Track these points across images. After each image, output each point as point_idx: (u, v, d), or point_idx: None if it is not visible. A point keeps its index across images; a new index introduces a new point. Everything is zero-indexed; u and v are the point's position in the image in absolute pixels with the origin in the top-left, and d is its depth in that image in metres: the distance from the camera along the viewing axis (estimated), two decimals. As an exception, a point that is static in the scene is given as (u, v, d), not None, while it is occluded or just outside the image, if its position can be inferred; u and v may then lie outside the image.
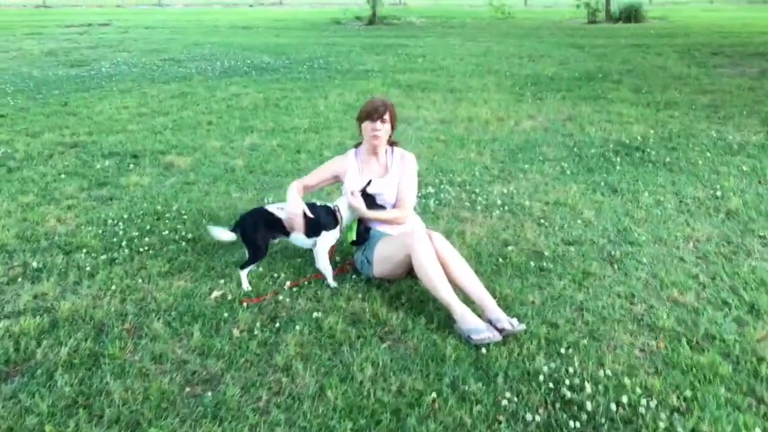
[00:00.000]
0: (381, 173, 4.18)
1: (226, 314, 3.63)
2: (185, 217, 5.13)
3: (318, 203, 4.12)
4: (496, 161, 6.66)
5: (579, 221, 5.00)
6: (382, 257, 3.91)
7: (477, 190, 5.73)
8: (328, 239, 3.99)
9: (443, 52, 15.56)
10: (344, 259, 4.36)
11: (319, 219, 3.98)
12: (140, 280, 4.04)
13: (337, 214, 4.02)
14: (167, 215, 5.16)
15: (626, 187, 5.74)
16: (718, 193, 5.51)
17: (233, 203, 5.46)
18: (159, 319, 3.59)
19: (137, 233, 4.78)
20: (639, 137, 7.33)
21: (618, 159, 6.57)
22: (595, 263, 4.27)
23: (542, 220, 5.03)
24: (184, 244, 4.59)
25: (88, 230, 4.85)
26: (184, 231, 4.81)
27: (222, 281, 4.01)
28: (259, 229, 3.93)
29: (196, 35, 20.71)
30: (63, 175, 6.26)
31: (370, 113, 4.05)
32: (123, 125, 8.46)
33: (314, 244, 4.00)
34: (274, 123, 8.47)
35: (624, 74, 11.93)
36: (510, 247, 4.51)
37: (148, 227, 4.90)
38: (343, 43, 18.11)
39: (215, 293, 3.87)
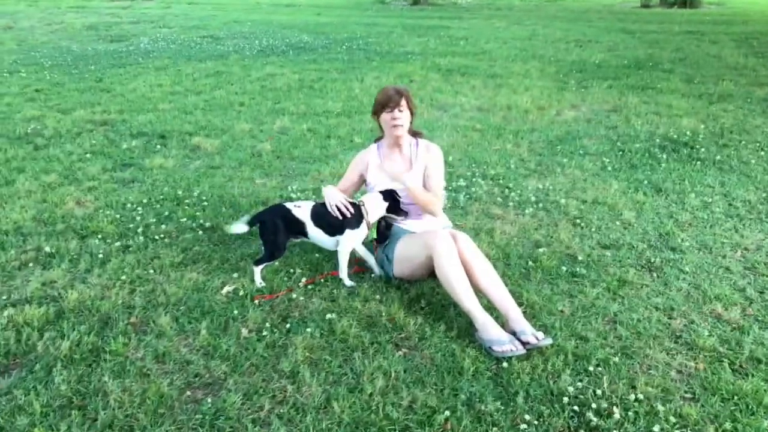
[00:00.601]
0: (405, 168, 3.96)
1: (236, 311, 3.48)
2: (205, 203, 5.00)
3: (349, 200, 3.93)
4: (533, 153, 6.37)
5: (618, 223, 4.71)
6: (403, 256, 3.71)
7: (511, 185, 5.47)
8: (351, 238, 3.80)
9: (487, 35, 15.17)
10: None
11: (342, 215, 3.79)
12: (152, 271, 3.92)
13: (363, 209, 3.82)
14: (187, 201, 5.04)
15: (671, 186, 5.41)
16: (772, 197, 5.16)
17: (256, 191, 5.32)
18: (167, 313, 3.46)
19: (154, 219, 4.66)
20: (688, 132, 6.94)
21: (664, 155, 6.22)
22: (632, 270, 4.00)
23: (578, 220, 4.76)
24: (200, 233, 4.46)
25: (106, 214, 4.76)
26: (202, 219, 4.69)
27: (235, 275, 3.87)
28: (278, 229, 3.75)
29: (238, 12, 20.65)
30: (89, 155, 6.21)
31: (385, 103, 3.83)
32: (155, 104, 8.39)
33: (337, 244, 3.81)
34: (306, 106, 8.30)
35: (676, 63, 11.41)
36: (541, 249, 4.26)
37: (166, 213, 4.78)
38: (385, 23, 17.82)
39: (227, 288, 3.72)
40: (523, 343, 3.13)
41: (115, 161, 6.05)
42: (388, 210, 3.82)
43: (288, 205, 3.84)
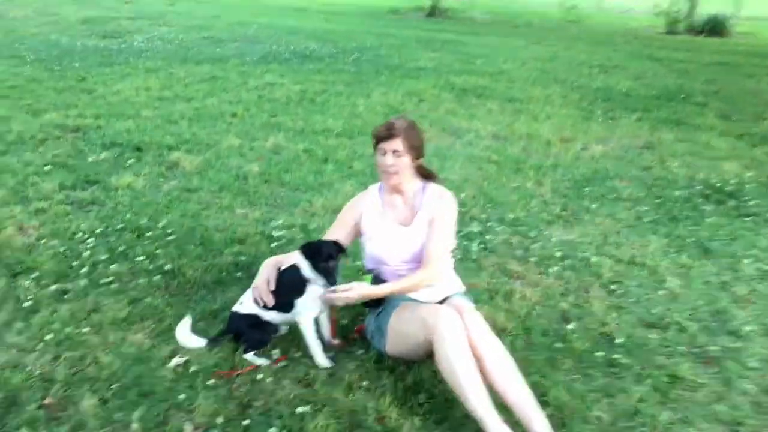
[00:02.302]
0: (405, 217, 3.24)
1: (182, 395, 2.77)
2: (171, 237, 4.30)
3: (284, 267, 3.22)
4: (557, 195, 5.67)
5: (661, 293, 4.00)
6: (397, 333, 2.99)
7: (532, 234, 4.77)
8: (305, 308, 3.08)
9: (505, 54, 14.51)
10: (352, 325, 3.45)
11: (282, 285, 3.10)
12: (86, 329, 3.20)
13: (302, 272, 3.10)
14: (150, 233, 4.34)
15: (720, 247, 4.70)
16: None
17: (234, 223, 4.62)
18: (94, 392, 2.76)
19: (105, 257, 3.96)
20: (733, 179, 6.22)
21: (708, 207, 5.51)
22: (684, 362, 3.28)
23: (613, 286, 4.05)
24: (157, 277, 3.75)
25: (48, 246, 4.06)
26: (162, 258, 3.98)
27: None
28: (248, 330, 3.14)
29: (244, 14, 20.05)
30: (48, 167, 5.52)
31: (379, 137, 3.12)
32: (137, 110, 7.72)
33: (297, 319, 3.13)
34: (304, 122, 7.62)
35: (710, 96, 10.70)
36: (571, 326, 3.54)
37: (121, 248, 4.08)
38: (398, 34, 17.18)
39: (176, 360, 3.02)
40: (552, 472, 2.42)
41: (76, 177, 5.36)
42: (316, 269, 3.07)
43: (236, 307, 3.22)
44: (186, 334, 3.14)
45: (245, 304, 3.14)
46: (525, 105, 9.29)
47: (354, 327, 3.41)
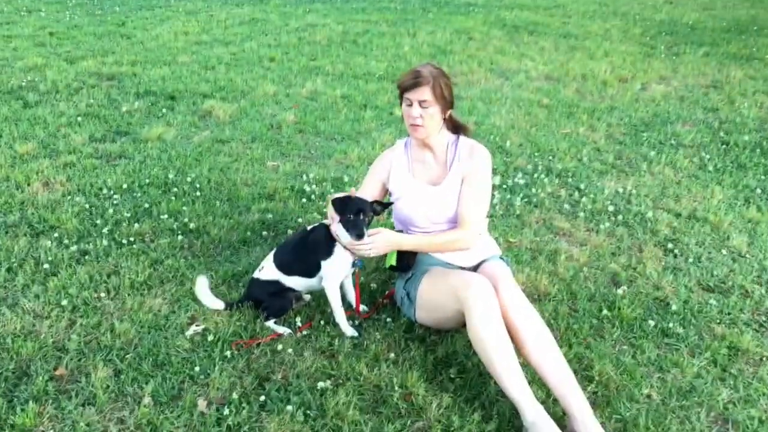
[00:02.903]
0: (437, 175, 2.96)
1: (197, 367, 2.63)
2: (198, 193, 4.15)
3: (310, 226, 3.01)
4: (612, 141, 5.29)
5: (724, 252, 3.66)
6: (426, 302, 2.78)
7: (582, 186, 4.44)
8: (332, 271, 2.87)
9: (562, -14, 13.74)
10: (382, 290, 3.25)
11: (307, 247, 2.89)
12: (104, 294, 3.09)
13: (332, 230, 2.85)
14: (176, 188, 4.19)
15: (794, 199, 4.30)
16: None
17: (264, 177, 4.44)
18: (107, 363, 2.64)
19: (129, 214, 3.83)
20: (810, 121, 5.71)
21: (781, 152, 5.06)
22: (747, 332, 2.98)
23: (670, 245, 3.73)
24: (180, 237, 3.61)
25: (74, 202, 3.95)
26: (188, 216, 3.83)
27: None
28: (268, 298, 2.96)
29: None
30: (81, 118, 5.41)
31: (403, 86, 2.81)
32: (174, 55, 7.55)
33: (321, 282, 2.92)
34: (345, 65, 7.33)
35: (786, 27, 9.92)
36: (621, 290, 3.26)
37: (146, 205, 3.95)
38: (448, -32, 16.45)
39: (193, 328, 2.88)
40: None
41: (108, 128, 5.24)
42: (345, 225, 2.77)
43: (256, 274, 3.01)
44: (206, 293, 2.99)
45: (266, 270, 2.97)
46: (581, 42, 8.76)
47: (383, 292, 3.21)
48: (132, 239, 3.56)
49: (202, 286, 3.01)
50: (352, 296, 3.04)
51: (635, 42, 8.80)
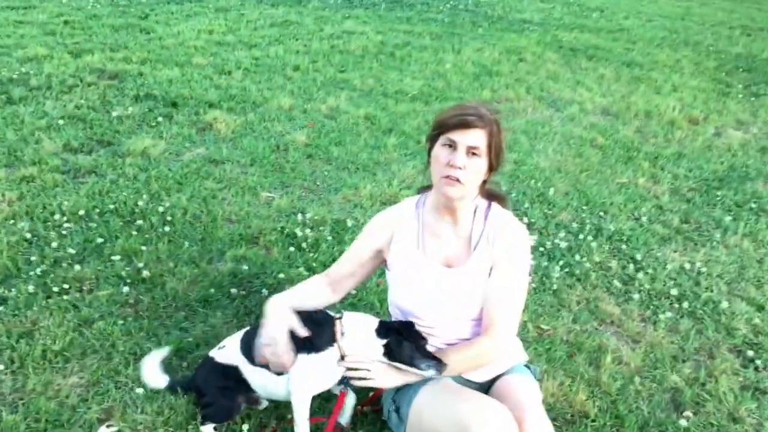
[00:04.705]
0: (456, 255, 2.21)
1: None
2: (167, 228, 3.48)
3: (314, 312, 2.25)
4: (678, 198, 4.49)
5: (823, 369, 2.86)
6: (421, 420, 2.05)
7: (638, 256, 3.66)
8: (303, 371, 2.12)
9: (627, 8, 12.89)
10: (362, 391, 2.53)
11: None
12: (2, 366, 2.43)
13: (337, 328, 2.15)
14: (142, 220, 3.54)
15: None
16: None
17: (250, 213, 3.76)
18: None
19: (74, 251, 3.19)
20: None
21: None
22: None
23: (750, 351, 2.94)
24: (126, 288, 2.94)
25: (14, 229, 3.33)
26: (144, 260, 3.17)
27: (139, 390, 2.33)
28: (214, 390, 2.27)
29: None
30: (63, 121, 4.82)
31: (447, 127, 2.07)
32: (190, 56, 6.96)
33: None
34: (375, 80, 6.65)
35: None
36: (684, 418, 2.49)
37: (98, 240, 3.30)
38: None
39: (103, 429, 2.20)
40: None
41: (90, 135, 4.65)
42: (388, 354, 2.12)
43: (213, 352, 2.34)
44: (153, 364, 2.35)
45: (226, 351, 2.27)
46: (646, 72, 7.93)
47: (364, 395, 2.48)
48: (66, 286, 2.91)
49: (157, 355, 2.36)
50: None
51: (708, 77, 7.95)
